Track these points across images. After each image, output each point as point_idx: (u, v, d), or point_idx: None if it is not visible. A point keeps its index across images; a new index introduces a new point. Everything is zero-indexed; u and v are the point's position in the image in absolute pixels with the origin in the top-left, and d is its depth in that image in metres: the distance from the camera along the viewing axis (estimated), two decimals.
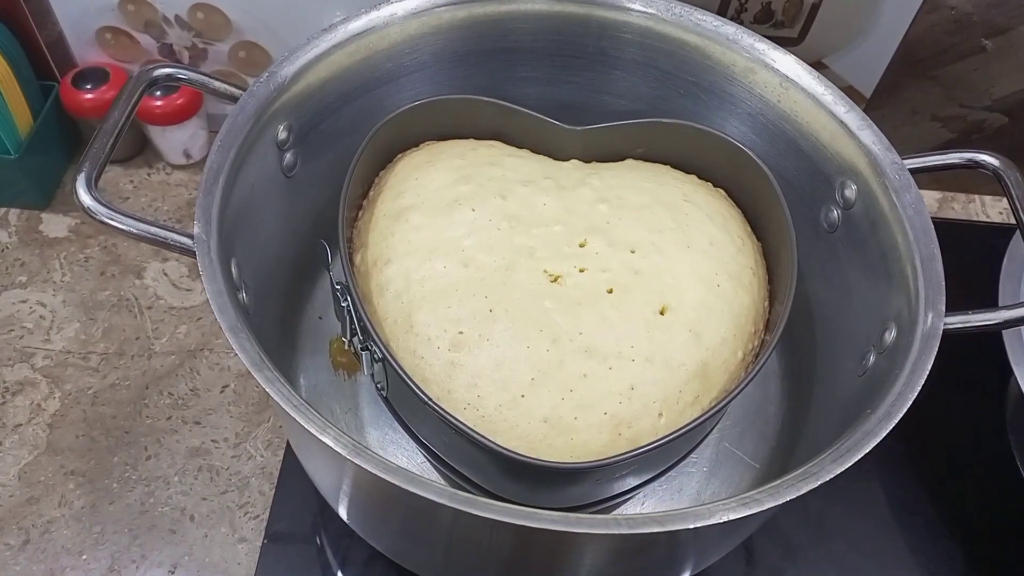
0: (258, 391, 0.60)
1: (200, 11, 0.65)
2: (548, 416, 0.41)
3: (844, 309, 0.47)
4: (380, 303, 0.44)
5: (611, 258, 0.45)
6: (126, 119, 0.41)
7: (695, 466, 0.53)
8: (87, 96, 0.68)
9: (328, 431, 0.33)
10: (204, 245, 0.38)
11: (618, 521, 0.32)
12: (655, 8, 0.50)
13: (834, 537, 0.57)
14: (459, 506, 0.31)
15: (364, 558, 0.53)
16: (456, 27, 0.51)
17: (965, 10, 0.61)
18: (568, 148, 0.51)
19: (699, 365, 0.43)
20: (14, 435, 0.58)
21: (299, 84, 0.46)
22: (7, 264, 0.66)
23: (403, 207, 0.47)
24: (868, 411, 0.36)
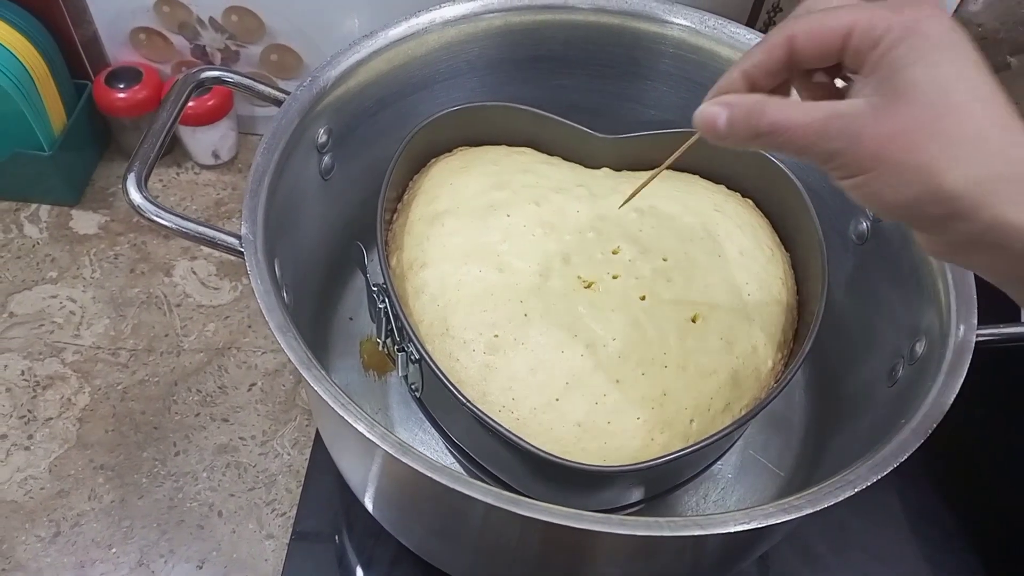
0: (285, 390, 0.61)
1: (234, 14, 0.66)
2: (582, 420, 0.41)
3: (873, 320, 0.48)
4: (416, 306, 0.45)
5: (643, 265, 0.46)
6: (174, 120, 0.42)
7: (720, 472, 0.53)
8: (120, 95, 0.69)
9: (375, 429, 0.34)
10: (252, 245, 0.39)
11: (660, 523, 0.32)
12: (690, 20, 0.51)
13: (853, 546, 0.57)
14: (504, 505, 0.32)
15: (390, 557, 0.53)
16: (492, 35, 0.52)
17: (992, 27, 0.62)
18: (600, 156, 0.52)
19: (730, 373, 0.44)
20: (45, 429, 0.58)
21: (340, 88, 0.47)
22: (38, 259, 0.67)
23: (438, 212, 0.48)
24: (902, 421, 0.36)
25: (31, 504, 0.55)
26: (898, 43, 0.29)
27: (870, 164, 0.29)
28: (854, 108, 0.30)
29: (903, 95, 0.29)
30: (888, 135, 0.29)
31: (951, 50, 0.29)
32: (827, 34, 0.31)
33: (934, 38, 0.29)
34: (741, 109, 0.32)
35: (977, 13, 0.61)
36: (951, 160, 0.28)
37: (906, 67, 0.29)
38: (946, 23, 0.29)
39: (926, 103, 0.28)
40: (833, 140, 0.30)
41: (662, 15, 0.51)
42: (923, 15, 0.29)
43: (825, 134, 0.30)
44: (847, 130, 0.30)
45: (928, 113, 0.28)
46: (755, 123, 0.32)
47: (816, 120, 0.30)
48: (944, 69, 0.29)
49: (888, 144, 0.29)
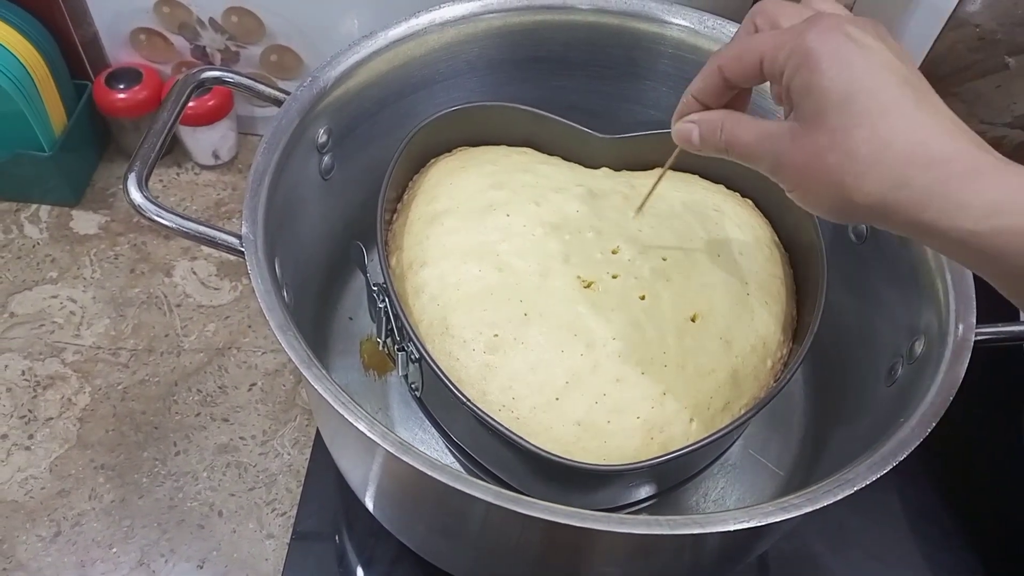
0: (285, 390, 0.61)
1: (234, 14, 0.66)
2: (582, 419, 0.41)
3: (872, 320, 0.48)
4: (415, 305, 0.45)
5: (643, 265, 0.46)
6: (175, 119, 0.42)
7: (720, 472, 0.53)
8: (120, 96, 0.69)
9: (375, 428, 0.34)
10: (252, 245, 0.39)
11: (659, 522, 0.32)
12: (689, 21, 0.51)
13: (852, 544, 0.57)
14: (504, 504, 0.32)
15: (390, 557, 0.53)
16: (492, 35, 0.52)
17: (990, 28, 0.62)
18: (599, 156, 0.52)
19: (729, 372, 0.44)
20: (45, 428, 0.58)
21: (340, 89, 0.47)
22: (38, 260, 0.67)
23: (438, 211, 0.48)
24: (901, 420, 0.37)
25: (32, 504, 0.55)
26: (797, 69, 0.31)
27: (794, 182, 0.32)
28: (779, 131, 0.33)
29: (810, 120, 0.31)
30: (802, 159, 0.31)
31: (846, 65, 0.30)
32: (745, 65, 0.34)
33: (828, 57, 0.30)
34: (706, 126, 0.36)
35: (975, 13, 0.62)
36: (857, 177, 0.30)
37: (807, 93, 0.31)
38: (837, 38, 0.31)
39: (829, 126, 0.30)
40: (764, 159, 0.33)
41: (661, 15, 0.51)
42: (813, 35, 0.31)
43: (759, 153, 0.34)
44: (772, 152, 0.33)
45: (832, 136, 0.30)
46: (716, 138, 0.36)
47: (752, 140, 0.34)
48: (841, 86, 0.30)
49: (803, 167, 0.32)
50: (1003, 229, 0.28)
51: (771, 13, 0.35)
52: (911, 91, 0.30)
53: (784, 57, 0.32)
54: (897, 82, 0.30)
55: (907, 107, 0.30)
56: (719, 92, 0.36)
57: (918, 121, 0.30)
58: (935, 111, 0.30)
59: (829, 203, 0.32)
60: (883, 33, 0.32)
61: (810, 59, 0.31)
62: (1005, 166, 0.29)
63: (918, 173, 0.29)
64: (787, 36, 0.32)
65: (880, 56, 0.31)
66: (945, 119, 0.30)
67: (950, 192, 0.29)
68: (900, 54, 0.31)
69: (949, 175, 0.29)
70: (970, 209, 0.29)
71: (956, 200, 0.29)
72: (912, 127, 0.30)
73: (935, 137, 0.29)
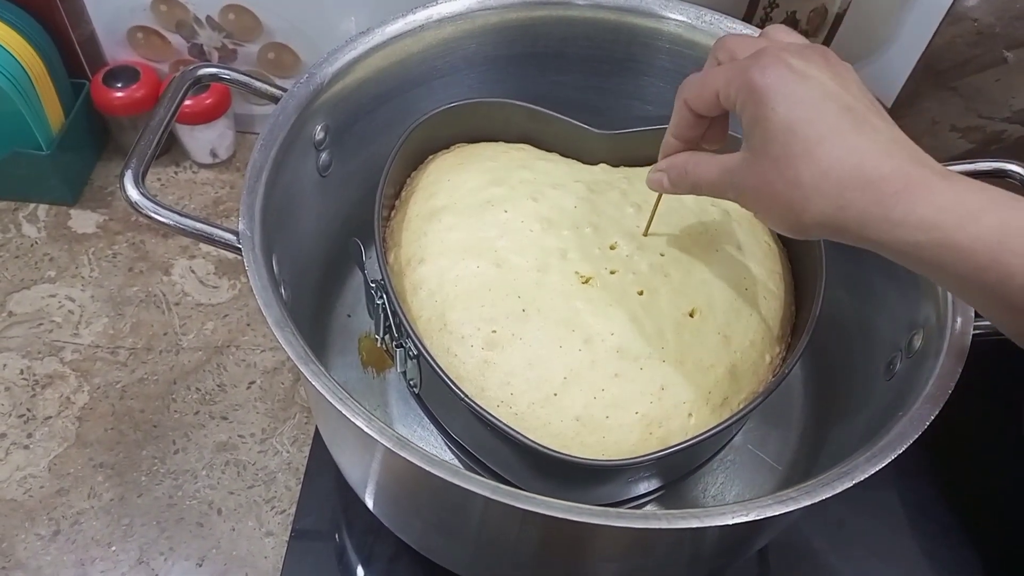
0: (284, 388, 0.61)
1: (231, 12, 0.66)
2: (580, 415, 0.41)
3: (871, 315, 0.48)
4: (413, 302, 0.45)
5: (641, 261, 0.46)
6: (171, 116, 0.42)
7: (719, 467, 0.53)
8: (117, 94, 0.69)
9: (374, 424, 0.34)
10: (249, 241, 0.39)
11: (657, 516, 0.32)
12: (686, 16, 0.51)
13: (851, 541, 0.57)
14: (502, 499, 0.32)
15: (389, 554, 0.53)
16: (489, 31, 0.52)
17: (988, 22, 0.62)
18: (597, 152, 0.52)
19: (728, 367, 0.44)
20: (44, 427, 0.58)
21: (337, 85, 0.47)
22: (36, 259, 0.67)
23: (436, 208, 0.48)
24: (900, 414, 0.36)
25: (31, 503, 0.55)
26: (744, 103, 0.34)
27: (753, 207, 0.35)
28: (735, 163, 0.36)
29: (758, 150, 0.34)
30: (756, 187, 0.34)
31: (787, 97, 0.32)
32: (705, 100, 0.37)
33: (770, 90, 0.33)
34: (674, 172, 0.40)
35: (973, 8, 0.61)
36: (803, 201, 0.32)
37: (754, 125, 0.34)
38: (779, 71, 0.33)
39: (774, 156, 0.33)
40: (727, 191, 0.36)
41: (658, 11, 0.51)
42: (757, 69, 0.33)
43: (721, 187, 0.37)
44: (732, 183, 0.36)
45: (777, 165, 0.33)
46: (684, 180, 0.39)
47: (714, 176, 0.37)
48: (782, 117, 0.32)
49: (758, 194, 0.34)
50: (937, 243, 0.30)
51: (730, 47, 0.37)
52: (850, 117, 0.32)
53: (734, 91, 0.34)
54: (836, 109, 0.32)
55: (845, 133, 0.32)
56: (692, 125, 0.39)
57: (855, 145, 0.32)
58: (874, 133, 0.32)
59: (785, 224, 0.34)
60: (830, 59, 0.34)
61: (754, 93, 0.33)
62: (940, 181, 0.31)
63: (856, 195, 0.31)
64: (735, 71, 0.34)
65: (821, 86, 0.33)
66: (883, 140, 0.32)
67: (886, 211, 0.31)
68: (844, 80, 0.33)
69: (884, 195, 0.31)
70: (905, 226, 0.30)
71: (892, 218, 0.31)
72: (849, 152, 0.31)
73: (871, 159, 0.31)
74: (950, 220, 0.30)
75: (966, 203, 0.30)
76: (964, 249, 0.30)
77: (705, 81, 0.37)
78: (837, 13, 0.63)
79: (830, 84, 0.33)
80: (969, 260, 0.30)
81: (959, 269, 0.30)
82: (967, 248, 0.30)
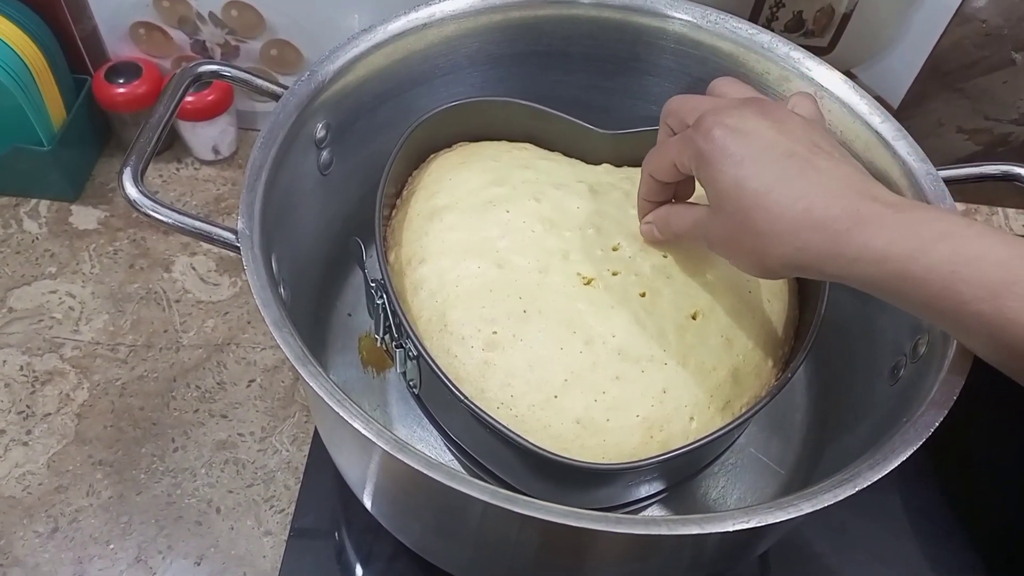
0: (284, 386, 0.61)
1: (234, 8, 0.66)
2: (581, 417, 0.41)
3: (875, 318, 0.47)
4: (414, 301, 0.45)
5: (643, 262, 0.46)
6: (171, 113, 0.42)
7: (721, 471, 0.53)
8: (119, 90, 0.68)
9: (371, 426, 0.33)
10: (248, 240, 0.38)
11: (658, 522, 0.32)
12: (691, 15, 0.50)
13: (853, 545, 0.57)
14: (501, 503, 0.32)
15: (388, 554, 0.53)
16: (492, 30, 0.52)
17: (996, 23, 0.62)
18: (600, 152, 0.52)
19: (730, 370, 0.43)
20: (43, 424, 0.58)
21: (338, 83, 0.47)
22: (37, 255, 0.67)
23: (437, 207, 0.48)
24: (904, 419, 0.36)
25: (29, 500, 0.55)
26: (698, 170, 0.37)
27: (725, 254, 0.38)
28: (704, 216, 0.38)
29: (716, 208, 0.36)
30: (722, 239, 0.37)
31: (729, 156, 0.35)
32: (666, 170, 0.40)
33: (714, 153, 0.35)
34: (659, 223, 0.43)
35: (981, 9, 0.61)
36: (765, 248, 0.35)
37: (709, 186, 0.36)
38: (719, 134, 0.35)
39: (730, 211, 0.35)
40: (701, 240, 0.39)
41: (663, 10, 0.51)
42: (699, 138, 0.36)
43: (695, 236, 0.40)
44: (703, 234, 0.39)
45: (734, 220, 0.35)
46: (667, 232, 0.42)
47: (688, 228, 0.40)
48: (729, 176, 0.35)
49: (725, 246, 0.38)
50: (893, 274, 0.32)
51: (677, 113, 0.40)
52: (793, 163, 0.34)
53: (687, 160, 0.37)
54: (777, 158, 0.34)
55: (790, 179, 0.34)
56: (661, 190, 0.42)
57: (801, 190, 0.33)
58: (819, 174, 0.34)
59: (754, 269, 0.37)
60: (766, 110, 0.36)
61: (701, 160, 0.36)
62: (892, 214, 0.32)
63: (810, 236, 0.33)
64: (683, 142, 0.37)
65: (759, 139, 0.35)
66: (828, 180, 0.34)
67: (840, 248, 0.32)
68: (784, 126, 0.35)
69: (836, 233, 0.32)
70: (861, 261, 0.32)
71: (847, 255, 0.32)
72: (796, 197, 0.33)
73: (819, 201, 0.33)
74: (902, 252, 0.31)
75: (919, 233, 0.31)
76: (918, 279, 0.31)
77: (662, 154, 0.40)
78: (844, 13, 0.62)
79: (769, 134, 0.35)
80: (923, 289, 0.31)
81: (917, 298, 0.32)
82: (920, 278, 0.31)
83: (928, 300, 0.32)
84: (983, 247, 0.31)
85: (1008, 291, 0.30)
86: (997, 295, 0.30)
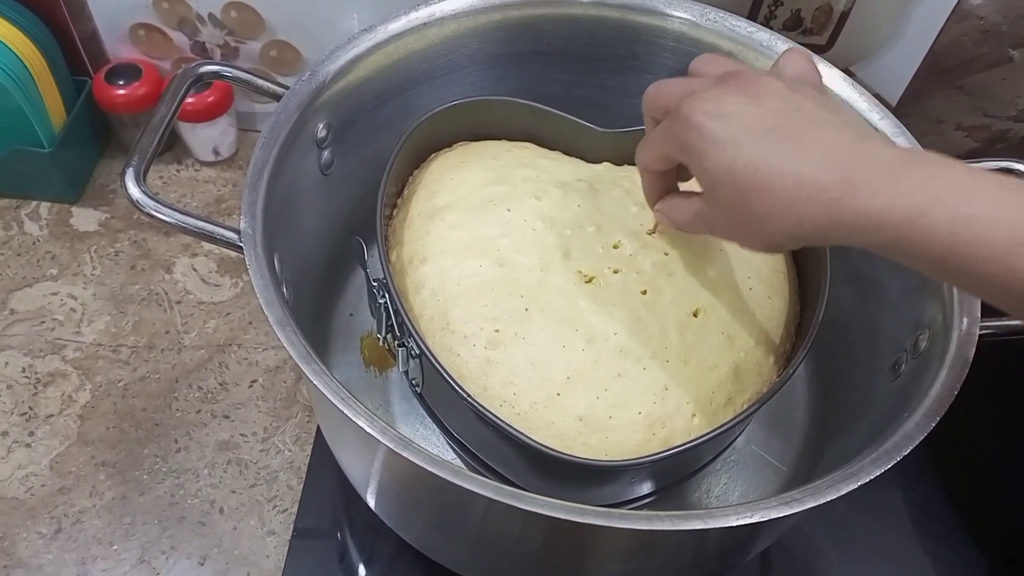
0: (286, 387, 0.61)
1: (233, 9, 0.66)
2: (583, 414, 0.41)
3: (876, 314, 0.47)
4: (416, 300, 0.45)
5: (644, 260, 0.46)
6: (173, 114, 0.42)
7: (723, 467, 0.53)
8: (119, 92, 0.68)
9: (376, 423, 0.33)
10: (251, 240, 0.39)
11: (661, 517, 0.32)
12: (690, 13, 0.50)
13: (855, 542, 0.57)
14: (505, 499, 0.32)
15: (391, 553, 0.53)
16: (492, 29, 0.52)
17: (994, 20, 0.62)
18: (600, 150, 0.52)
19: (732, 367, 0.44)
20: (46, 425, 0.58)
21: (339, 83, 0.47)
22: (38, 256, 0.67)
23: (438, 206, 0.48)
24: (905, 415, 0.36)
25: (32, 501, 0.55)
26: (688, 159, 0.36)
27: (730, 239, 0.38)
28: (701, 207, 0.38)
29: (711, 194, 0.36)
30: (723, 226, 0.37)
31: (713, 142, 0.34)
32: (658, 161, 0.40)
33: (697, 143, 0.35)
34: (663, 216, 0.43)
35: (979, 6, 0.61)
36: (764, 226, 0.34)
37: (700, 175, 0.36)
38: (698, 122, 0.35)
39: (725, 197, 0.35)
40: (703, 230, 0.39)
41: (662, 8, 0.51)
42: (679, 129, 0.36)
43: (696, 227, 0.40)
44: (704, 224, 0.39)
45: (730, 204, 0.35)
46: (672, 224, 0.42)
47: (688, 220, 0.40)
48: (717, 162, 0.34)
49: (726, 230, 0.37)
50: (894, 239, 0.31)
51: (656, 103, 0.40)
52: (776, 138, 0.33)
53: (674, 152, 0.37)
54: (761, 135, 0.33)
55: (777, 155, 0.33)
56: (660, 180, 0.42)
57: (789, 164, 0.33)
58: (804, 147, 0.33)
59: (759, 247, 0.36)
60: (744, 85, 0.35)
61: (687, 151, 0.36)
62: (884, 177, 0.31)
63: (805, 209, 0.32)
64: (667, 133, 0.37)
65: (739, 119, 0.34)
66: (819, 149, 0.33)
67: (837, 218, 0.32)
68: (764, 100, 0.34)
69: (830, 203, 0.32)
70: (859, 229, 0.31)
71: (846, 223, 0.32)
72: (784, 173, 0.33)
73: (807, 173, 0.32)
74: (898, 218, 0.30)
75: (913, 197, 0.30)
76: (920, 243, 0.30)
77: (651, 146, 0.40)
78: (842, 11, 0.63)
79: (748, 112, 0.34)
80: (928, 252, 0.30)
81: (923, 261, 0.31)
82: (922, 241, 0.30)
83: (935, 262, 0.30)
84: (984, 207, 0.29)
85: (1017, 251, 0.28)
86: (1006, 255, 0.28)
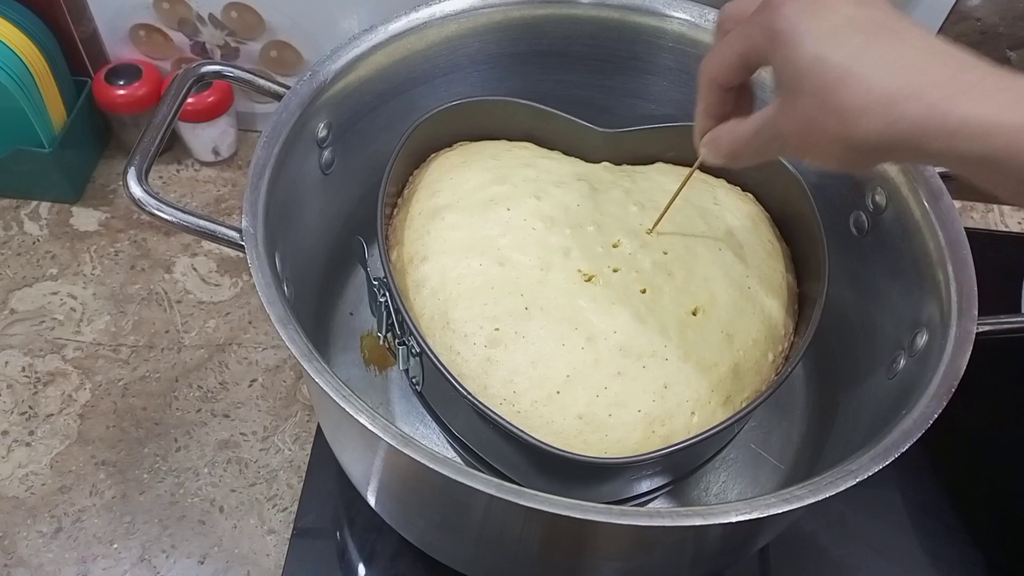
0: (286, 386, 0.61)
1: (234, 10, 0.66)
2: (583, 413, 0.41)
3: (874, 313, 0.48)
4: (416, 299, 0.45)
5: (644, 259, 0.46)
6: (174, 113, 0.42)
7: (721, 466, 0.53)
8: (120, 92, 0.69)
9: (377, 421, 0.34)
10: (252, 239, 0.39)
11: (661, 514, 0.32)
12: (690, 14, 0.51)
13: (853, 539, 0.57)
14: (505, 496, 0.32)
15: (391, 551, 0.53)
16: (492, 29, 0.52)
17: (991, 22, 0.62)
18: (600, 150, 0.52)
19: (731, 365, 0.44)
20: (46, 425, 0.58)
21: (340, 83, 0.47)
22: (38, 256, 0.67)
23: (439, 206, 0.48)
24: (903, 412, 0.36)
25: (32, 500, 0.55)
26: (770, 52, 0.33)
27: (801, 149, 0.34)
28: (774, 112, 0.34)
29: (794, 91, 0.32)
30: (799, 129, 0.33)
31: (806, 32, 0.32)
32: (732, 68, 0.36)
33: (789, 30, 0.32)
34: (708, 146, 0.39)
35: (976, 7, 0.61)
36: (853, 127, 0.31)
37: (784, 67, 0.33)
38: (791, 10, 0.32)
39: (812, 91, 0.31)
40: (770, 144, 0.36)
41: (662, 9, 0.51)
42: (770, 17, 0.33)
43: (762, 141, 0.36)
44: (773, 132, 0.35)
45: (815, 100, 0.32)
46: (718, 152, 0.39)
47: (751, 132, 0.36)
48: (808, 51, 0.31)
49: (803, 136, 0.33)
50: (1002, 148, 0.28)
51: (734, 14, 0.37)
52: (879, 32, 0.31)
53: (758, 44, 0.34)
54: (861, 28, 0.31)
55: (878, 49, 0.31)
56: (721, 100, 0.38)
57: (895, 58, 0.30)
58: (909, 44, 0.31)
59: (840, 158, 0.33)
60: None
61: (775, 39, 0.32)
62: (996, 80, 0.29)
63: (906, 107, 0.30)
64: (752, 27, 0.34)
65: (838, 12, 0.32)
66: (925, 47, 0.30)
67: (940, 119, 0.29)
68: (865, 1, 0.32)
69: (935, 102, 0.29)
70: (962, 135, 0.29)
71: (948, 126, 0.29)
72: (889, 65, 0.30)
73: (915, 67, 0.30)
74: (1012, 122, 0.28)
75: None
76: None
77: (725, 50, 0.36)
78: None
79: (848, 8, 0.32)
80: None
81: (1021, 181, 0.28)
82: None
83: None
84: None
85: None
86: None
